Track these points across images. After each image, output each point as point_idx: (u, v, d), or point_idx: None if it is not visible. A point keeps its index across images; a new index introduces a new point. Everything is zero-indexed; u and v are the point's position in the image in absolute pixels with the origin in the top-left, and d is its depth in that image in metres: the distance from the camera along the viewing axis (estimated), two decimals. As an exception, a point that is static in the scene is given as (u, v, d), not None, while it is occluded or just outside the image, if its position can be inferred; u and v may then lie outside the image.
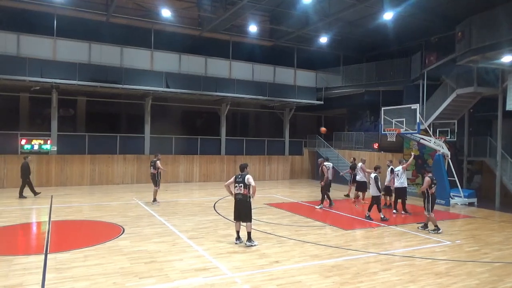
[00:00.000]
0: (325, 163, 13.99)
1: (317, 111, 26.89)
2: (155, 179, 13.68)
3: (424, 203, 10.21)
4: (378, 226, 10.81)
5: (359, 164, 14.67)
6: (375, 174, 11.51)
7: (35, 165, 17.46)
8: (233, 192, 8.55)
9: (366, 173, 14.02)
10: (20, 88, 18.48)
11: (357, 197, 14.74)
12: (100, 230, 9.79)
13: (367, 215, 11.56)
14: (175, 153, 20.75)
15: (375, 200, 11.43)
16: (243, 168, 8.68)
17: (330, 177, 13.95)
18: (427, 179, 10.18)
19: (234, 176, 8.60)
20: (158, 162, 13.64)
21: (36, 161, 17.51)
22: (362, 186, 14.56)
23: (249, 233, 8.41)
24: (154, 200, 13.71)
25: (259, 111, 26.80)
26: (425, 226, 10.41)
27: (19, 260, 7.08)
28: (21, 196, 14.26)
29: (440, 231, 10.01)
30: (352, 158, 17.36)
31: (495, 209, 14.68)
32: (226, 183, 8.80)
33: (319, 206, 13.55)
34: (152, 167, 13.77)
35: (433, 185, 10.09)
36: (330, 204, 13.80)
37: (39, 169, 17.62)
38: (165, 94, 20.09)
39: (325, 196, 13.75)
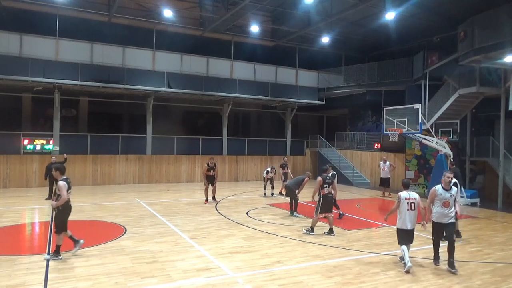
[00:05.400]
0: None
1: (319, 111, 26.87)
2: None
3: (318, 205, 9.42)
4: (380, 226, 10.80)
5: (387, 163, 16.86)
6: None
7: (37, 165, 17.54)
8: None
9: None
10: (23, 88, 18.55)
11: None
12: (102, 230, 9.80)
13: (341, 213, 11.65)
14: (177, 153, 20.77)
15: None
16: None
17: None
18: (318, 179, 9.48)
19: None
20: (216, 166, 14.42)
21: (38, 161, 17.57)
22: (386, 182, 16.73)
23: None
24: (213, 198, 14.33)
25: (261, 111, 26.80)
26: (331, 231, 9.49)
27: (21, 259, 7.10)
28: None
29: (312, 233, 9.35)
30: (284, 157, 18.37)
31: (497, 209, 14.63)
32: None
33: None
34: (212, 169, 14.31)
35: (325, 185, 9.38)
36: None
37: (42, 169, 17.59)
38: (167, 94, 20.13)
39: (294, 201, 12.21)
